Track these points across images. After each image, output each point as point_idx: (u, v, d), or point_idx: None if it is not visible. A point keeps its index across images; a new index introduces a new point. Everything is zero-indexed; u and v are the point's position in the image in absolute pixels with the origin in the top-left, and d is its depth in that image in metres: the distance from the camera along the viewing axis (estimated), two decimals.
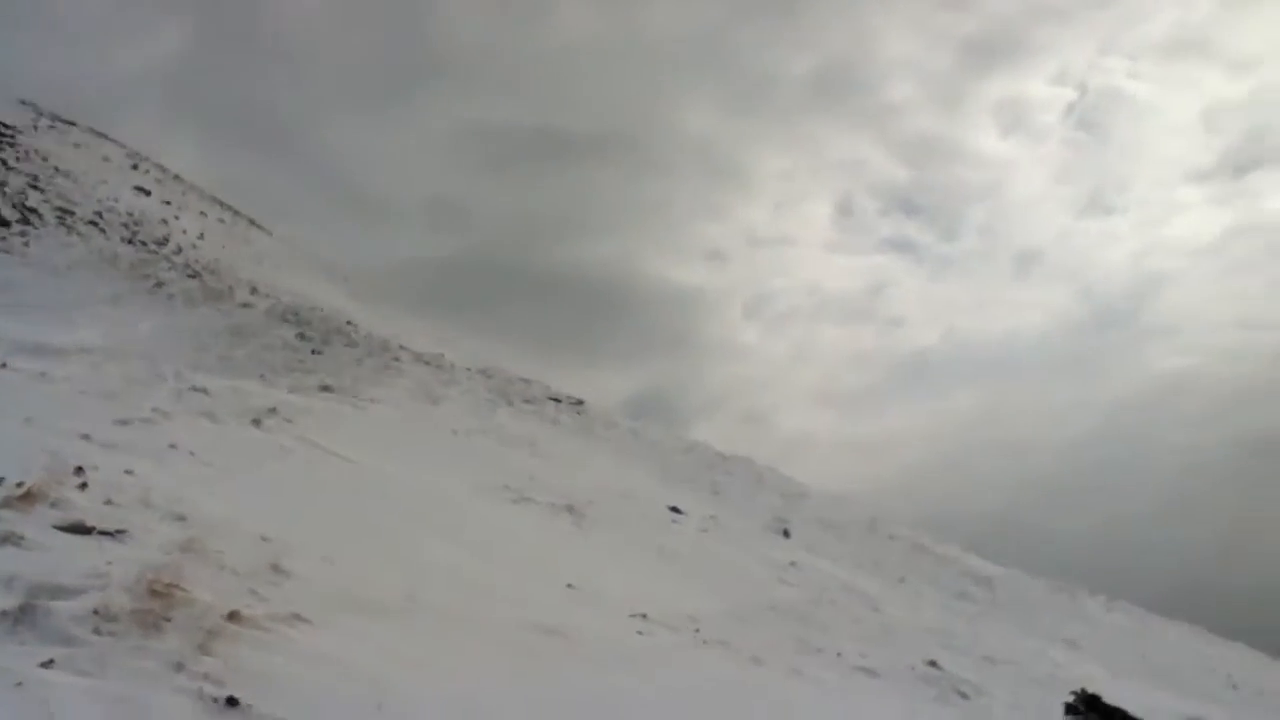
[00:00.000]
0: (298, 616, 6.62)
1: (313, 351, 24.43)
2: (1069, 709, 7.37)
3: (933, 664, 15.51)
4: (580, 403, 29.58)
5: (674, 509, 21.52)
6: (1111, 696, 13.16)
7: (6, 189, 29.93)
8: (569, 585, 11.92)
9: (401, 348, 26.97)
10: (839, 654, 14.03)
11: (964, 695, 14.37)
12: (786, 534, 24.41)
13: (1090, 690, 7.48)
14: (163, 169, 43.66)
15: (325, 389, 21.44)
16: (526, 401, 26.81)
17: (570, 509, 17.59)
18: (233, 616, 6.26)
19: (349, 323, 27.93)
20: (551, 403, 28.08)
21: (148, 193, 37.83)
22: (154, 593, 6.13)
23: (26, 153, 34.57)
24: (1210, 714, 16.09)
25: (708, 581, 16.44)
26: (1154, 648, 22.22)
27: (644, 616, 11.55)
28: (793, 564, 19.58)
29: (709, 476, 27.08)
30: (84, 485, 8.47)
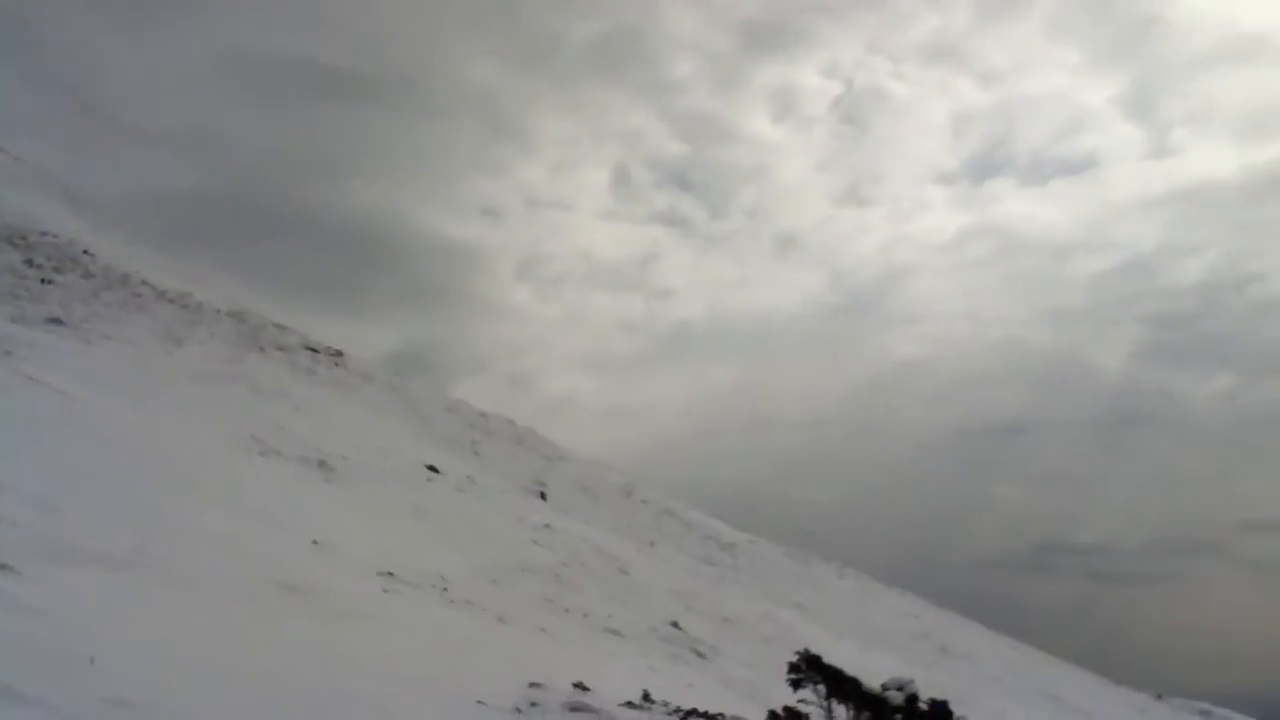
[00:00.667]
0: (5, 567, 6.06)
1: (42, 281, 22.41)
2: (793, 668, 7.80)
3: (675, 625, 16.12)
4: (339, 354, 28.58)
5: (431, 467, 21.22)
6: (832, 657, 14.07)
7: None
8: (314, 542, 11.53)
9: (144, 283, 25.13)
10: (586, 614, 14.33)
11: (701, 655, 15.03)
12: (544, 496, 24.61)
13: (813, 651, 7.93)
14: None
15: (54, 321, 19.74)
16: (280, 349, 25.63)
17: (321, 464, 17.00)
18: None
19: (86, 252, 25.73)
20: (307, 352, 26.97)
21: None
22: None
23: None
24: (919, 676, 17.47)
25: (460, 541, 16.34)
26: (875, 613, 23.90)
27: (391, 574, 11.35)
28: (547, 526, 19.76)
29: (469, 436, 26.87)
30: None
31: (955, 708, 14.47)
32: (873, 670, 15.53)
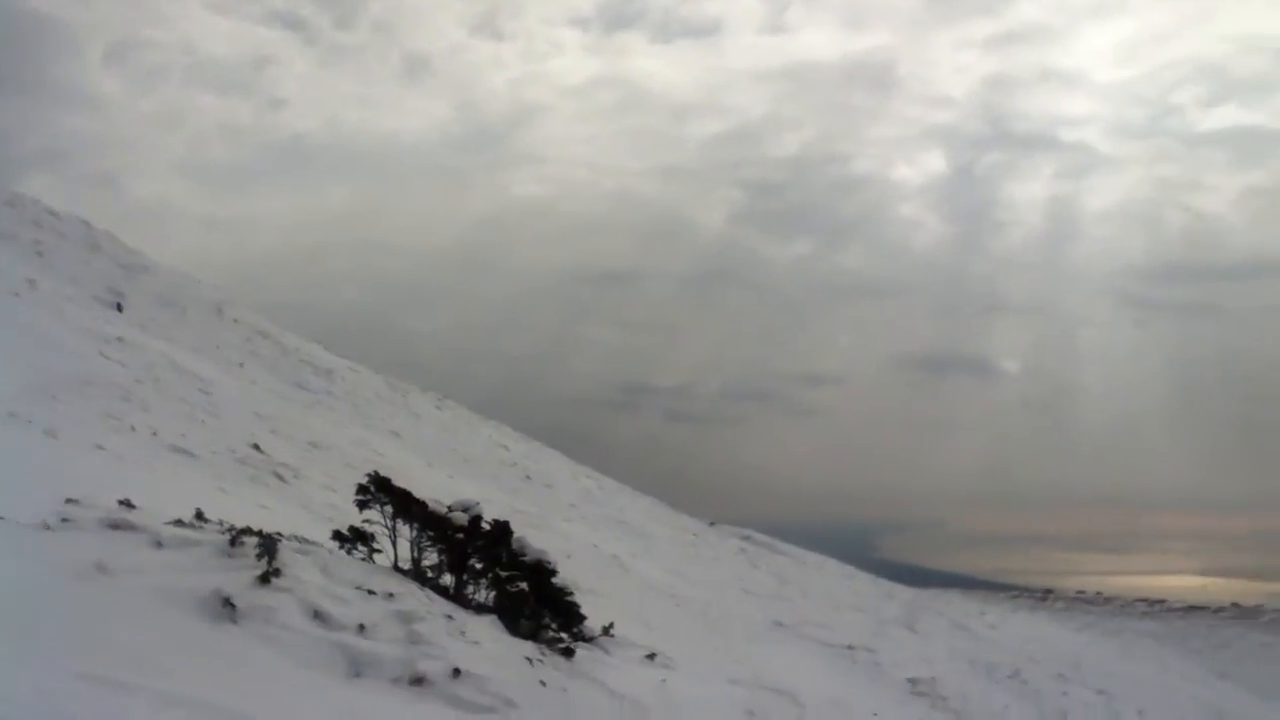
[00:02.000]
0: None
1: None
2: (360, 489, 7.82)
3: (256, 447, 15.60)
4: None
5: None
6: (418, 483, 14.33)
7: None
8: None
9: None
10: (155, 433, 13.46)
11: (281, 478, 14.70)
12: (120, 308, 22.52)
13: (384, 474, 7.99)
14: None
15: None
16: None
17: None
18: None
19: None
20: None
21: None
22: None
23: None
24: (501, 501, 18.31)
25: (12, 350, 14.66)
26: (468, 443, 24.60)
27: None
28: (120, 339, 18.17)
29: (32, 235, 23.85)
30: None
31: (529, 530, 15.34)
32: (456, 495, 16.01)
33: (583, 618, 7.79)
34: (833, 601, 22.04)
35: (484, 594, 7.77)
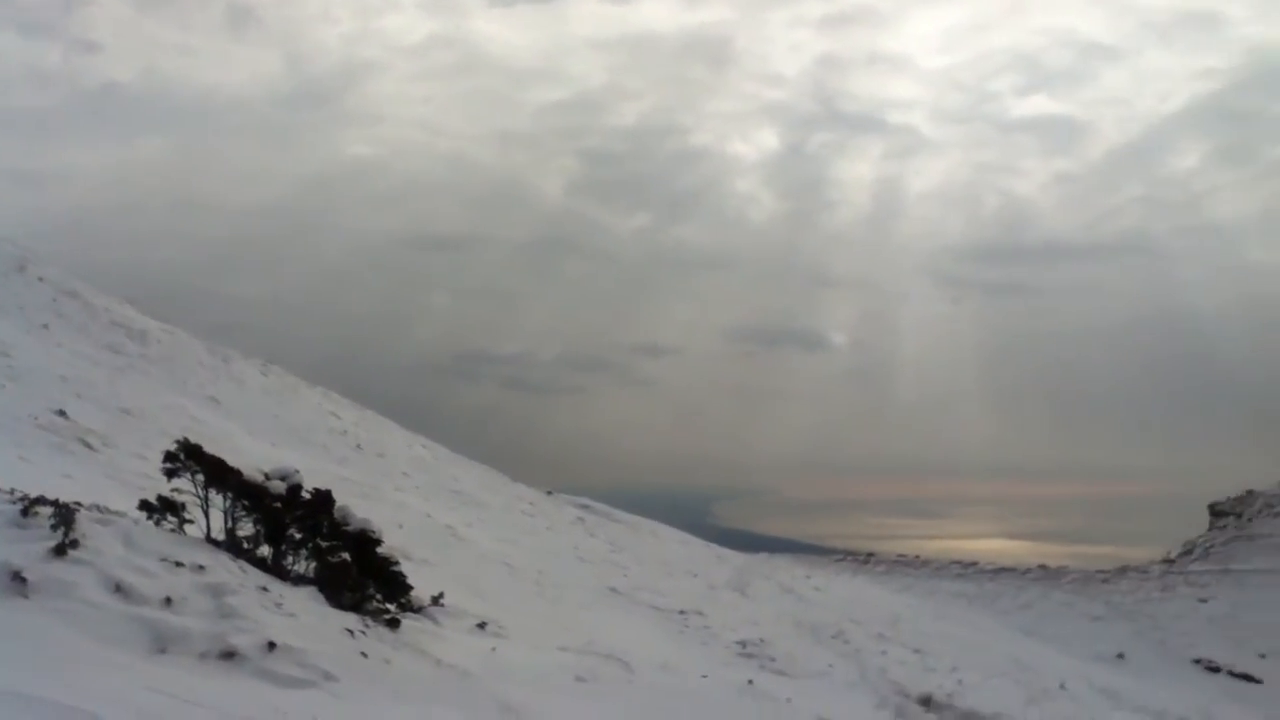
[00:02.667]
0: None
1: None
2: (168, 457, 7.37)
3: (60, 413, 14.60)
4: None
5: None
6: (239, 452, 13.72)
7: None
8: None
9: None
10: None
11: (89, 446, 13.82)
12: None
13: (194, 441, 7.56)
14: None
15: None
16: None
17: None
18: None
19: None
20: None
21: None
22: None
23: None
24: (330, 471, 17.74)
25: None
26: (295, 411, 23.71)
27: None
28: None
29: None
30: None
31: (360, 500, 14.92)
32: (280, 464, 15.41)
33: (409, 588, 7.58)
34: (666, 568, 22.35)
35: (304, 565, 7.46)
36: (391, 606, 7.49)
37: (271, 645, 5.68)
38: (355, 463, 21.06)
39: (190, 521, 7.36)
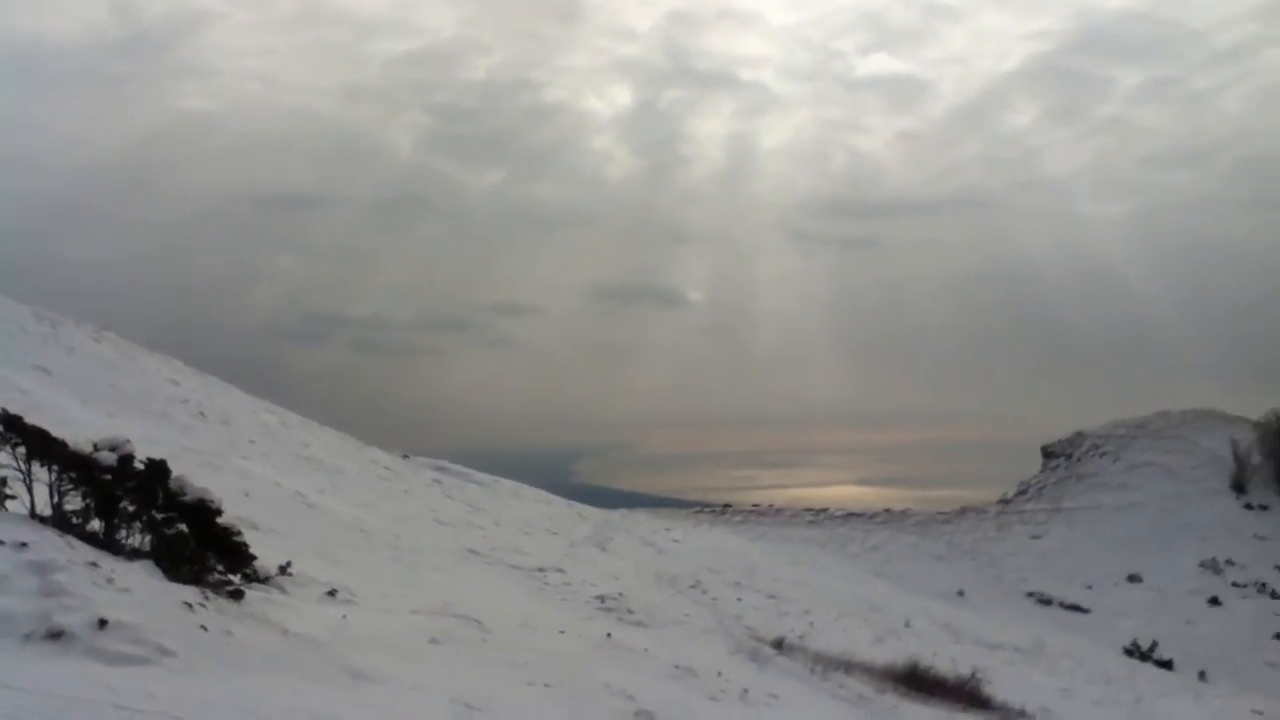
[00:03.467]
0: None
1: None
2: None
3: None
4: None
5: None
6: (66, 421, 12.97)
7: None
8: None
9: None
10: None
11: None
12: None
13: (13, 412, 7.10)
14: None
15: None
16: None
17: None
18: None
19: None
20: None
21: None
22: None
23: None
24: (172, 439, 17.01)
25: None
26: (131, 378, 22.60)
27: None
28: None
29: None
30: None
31: (204, 470, 14.36)
32: (117, 435, 14.68)
33: (252, 558, 7.32)
34: (526, 527, 22.35)
35: (139, 539, 7.12)
36: (235, 578, 7.23)
37: (103, 622, 5.42)
38: (199, 431, 20.24)
39: (12, 497, 6.94)
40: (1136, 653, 44.09)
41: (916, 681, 12.91)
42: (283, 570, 8.32)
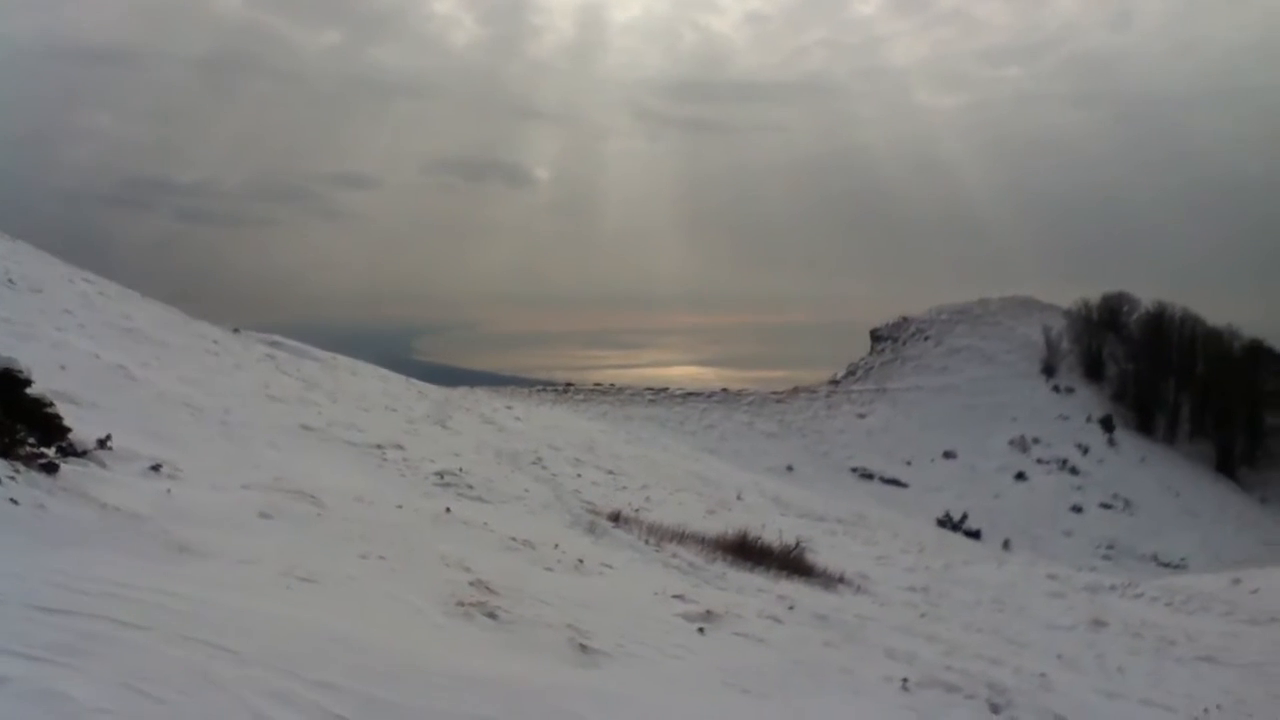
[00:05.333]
0: None
1: None
2: None
3: None
4: None
5: None
6: None
7: None
8: None
9: None
10: None
11: None
12: None
13: None
14: None
15: None
16: None
17: None
18: None
19: None
20: None
21: None
22: None
23: None
24: None
25: None
26: None
27: None
28: None
29: None
30: None
31: (14, 341, 13.50)
32: None
33: (66, 430, 6.98)
34: (364, 404, 22.02)
35: None
36: (49, 451, 6.89)
37: None
38: (7, 300, 18.91)
39: None
40: (948, 523, 47.37)
41: (745, 551, 13.52)
42: (102, 444, 7.96)
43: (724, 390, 70.81)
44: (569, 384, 70.43)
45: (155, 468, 8.14)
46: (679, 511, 19.21)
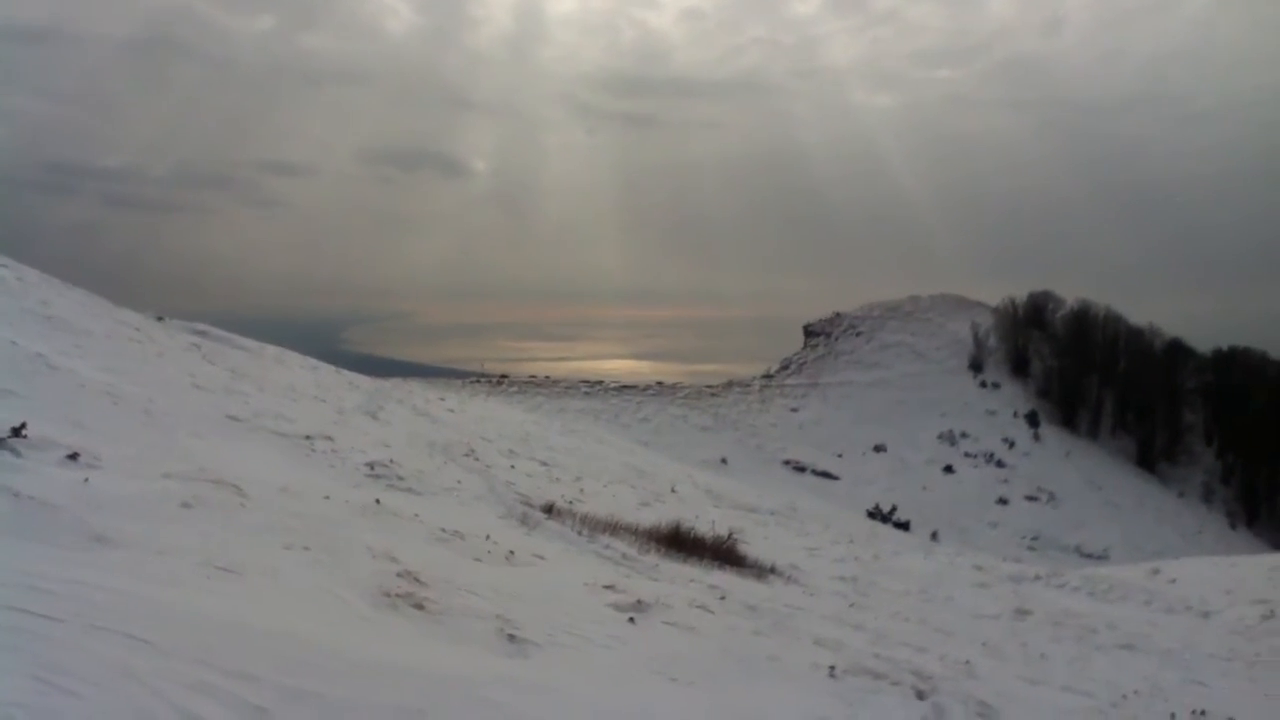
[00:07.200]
0: None
1: None
2: None
3: None
4: None
5: None
6: None
7: None
8: None
9: None
10: None
11: None
12: None
13: None
14: None
15: None
16: None
17: None
18: None
19: None
20: None
21: None
22: None
23: None
24: None
25: None
26: None
27: None
28: None
29: None
30: None
31: None
32: None
33: None
34: (293, 394, 21.66)
35: None
36: None
37: None
38: None
39: None
40: (878, 515, 48.08)
41: (677, 542, 13.59)
42: (16, 432, 7.73)
43: (659, 384, 70.94)
44: (503, 376, 69.99)
45: (73, 457, 7.93)
46: (613, 503, 19.23)
